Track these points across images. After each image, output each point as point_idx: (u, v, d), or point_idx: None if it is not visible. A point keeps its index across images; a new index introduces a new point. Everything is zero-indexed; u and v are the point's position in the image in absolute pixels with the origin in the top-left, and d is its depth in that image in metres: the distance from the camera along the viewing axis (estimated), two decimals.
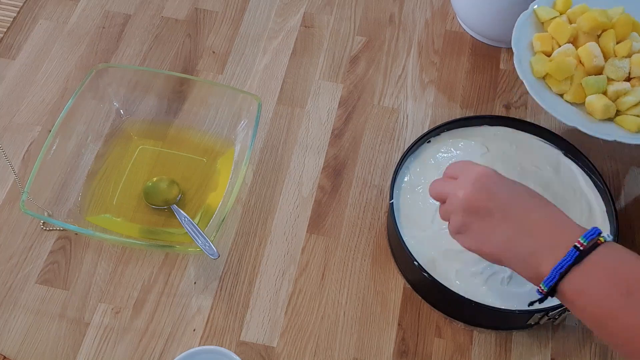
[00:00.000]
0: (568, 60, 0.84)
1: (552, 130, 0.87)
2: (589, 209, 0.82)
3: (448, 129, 0.87)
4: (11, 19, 1.04)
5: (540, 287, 0.60)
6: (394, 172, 0.83)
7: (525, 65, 0.86)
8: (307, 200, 0.89)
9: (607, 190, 0.81)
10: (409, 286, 0.82)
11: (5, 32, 1.03)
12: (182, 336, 0.79)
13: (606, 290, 0.56)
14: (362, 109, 0.96)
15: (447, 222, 0.69)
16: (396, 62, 1.01)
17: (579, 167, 0.85)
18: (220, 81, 0.99)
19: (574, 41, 0.87)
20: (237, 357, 0.70)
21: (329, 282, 0.83)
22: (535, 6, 0.90)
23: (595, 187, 0.83)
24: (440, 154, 0.86)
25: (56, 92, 0.97)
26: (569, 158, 0.86)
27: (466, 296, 0.74)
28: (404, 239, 0.78)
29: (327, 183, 0.90)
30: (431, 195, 0.71)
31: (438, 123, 0.88)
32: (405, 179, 0.84)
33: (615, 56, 0.86)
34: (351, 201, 0.88)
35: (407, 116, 0.96)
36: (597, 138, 0.80)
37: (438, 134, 0.87)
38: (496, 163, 0.84)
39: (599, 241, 0.58)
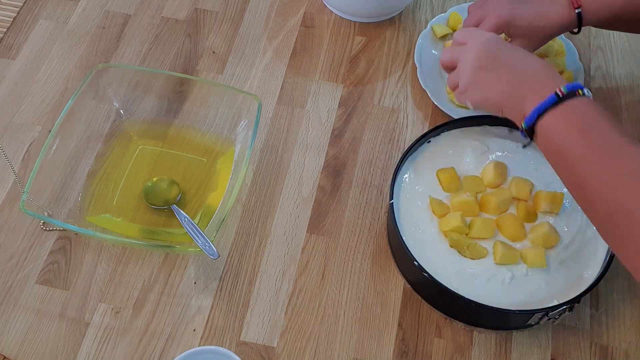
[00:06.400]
0: None
1: None
2: None
3: (448, 129, 0.87)
4: (11, 19, 1.04)
5: (522, 127, 0.70)
6: (394, 172, 0.83)
7: (426, 77, 0.97)
8: (307, 200, 0.89)
9: None
10: (409, 286, 0.82)
11: (5, 32, 1.03)
12: (182, 336, 0.79)
13: (569, 130, 0.66)
14: (362, 109, 0.97)
15: (455, 91, 0.79)
16: (396, 62, 1.01)
17: None
18: (220, 81, 0.99)
19: None
20: (237, 357, 0.70)
21: (329, 282, 0.83)
22: (433, 24, 1.02)
23: None
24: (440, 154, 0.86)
25: (56, 92, 0.97)
26: None
27: (466, 296, 0.74)
28: (404, 239, 0.78)
29: (327, 183, 0.90)
30: (442, 63, 0.81)
31: (438, 123, 0.88)
32: (405, 179, 0.84)
33: None
34: (351, 201, 0.88)
35: (407, 116, 0.96)
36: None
37: (438, 134, 0.87)
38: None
39: (577, 92, 0.67)
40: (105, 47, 1.02)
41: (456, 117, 0.90)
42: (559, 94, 0.67)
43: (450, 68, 0.80)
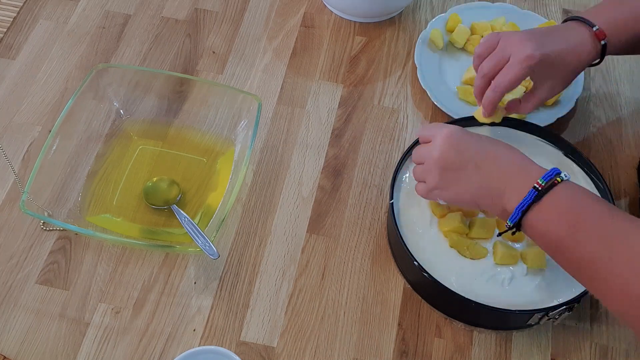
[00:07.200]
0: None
1: (553, 131, 0.87)
2: None
3: None
4: (11, 19, 1.04)
5: (507, 223, 0.69)
6: (394, 172, 0.83)
7: (426, 77, 0.96)
8: (307, 200, 0.89)
9: (607, 190, 0.81)
10: (409, 286, 0.82)
11: (5, 32, 1.03)
12: (182, 336, 0.79)
13: (556, 226, 0.65)
14: (362, 109, 0.96)
15: (419, 183, 0.77)
16: (396, 62, 1.01)
17: (579, 167, 0.85)
18: (220, 81, 0.99)
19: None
20: (237, 357, 0.70)
21: (329, 282, 0.83)
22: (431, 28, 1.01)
23: (595, 187, 0.83)
24: None
25: (56, 92, 0.97)
26: (570, 158, 0.86)
27: (466, 296, 0.74)
28: (404, 239, 0.78)
29: (327, 183, 0.90)
30: (414, 161, 0.79)
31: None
32: (405, 179, 0.84)
33: None
34: (351, 201, 0.88)
35: (407, 116, 0.96)
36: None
37: None
38: None
39: (555, 181, 0.66)
40: (105, 47, 1.02)
41: (456, 117, 0.90)
42: (538, 187, 0.66)
43: (418, 164, 0.78)
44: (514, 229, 0.69)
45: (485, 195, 0.71)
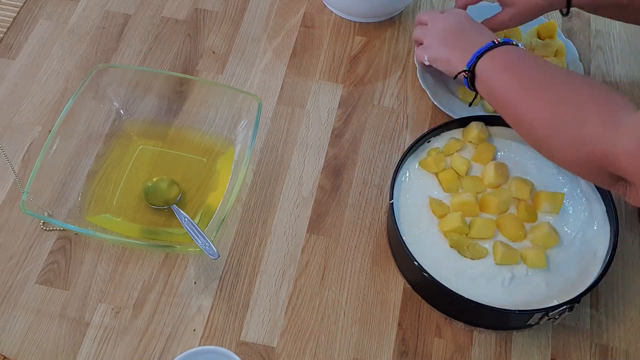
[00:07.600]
0: None
1: None
2: (589, 209, 0.82)
3: (448, 129, 0.87)
4: (11, 19, 1.04)
5: (465, 73, 0.80)
6: (394, 172, 0.83)
7: (426, 77, 0.97)
8: (307, 200, 0.89)
9: (607, 190, 0.81)
10: (409, 286, 0.82)
11: (5, 32, 1.03)
12: (182, 336, 0.79)
13: (496, 68, 0.78)
14: (362, 109, 0.97)
15: (419, 46, 0.91)
16: (396, 62, 1.01)
17: None
18: (220, 81, 0.99)
19: None
20: (237, 357, 0.70)
21: (329, 282, 0.83)
22: None
23: (596, 187, 0.83)
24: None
25: (56, 92, 0.97)
26: None
27: (466, 296, 0.74)
28: (404, 239, 0.78)
29: (327, 183, 0.90)
30: (419, 19, 0.92)
31: (438, 123, 0.88)
32: (405, 179, 0.84)
33: None
34: (351, 201, 0.89)
35: (407, 116, 0.96)
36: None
37: (438, 134, 0.87)
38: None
39: (512, 44, 0.79)
40: (105, 47, 1.02)
41: (456, 117, 0.90)
42: (496, 42, 0.79)
43: (421, 25, 0.91)
44: (471, 82, 0.80)
45: (458, 51, 0.83)
